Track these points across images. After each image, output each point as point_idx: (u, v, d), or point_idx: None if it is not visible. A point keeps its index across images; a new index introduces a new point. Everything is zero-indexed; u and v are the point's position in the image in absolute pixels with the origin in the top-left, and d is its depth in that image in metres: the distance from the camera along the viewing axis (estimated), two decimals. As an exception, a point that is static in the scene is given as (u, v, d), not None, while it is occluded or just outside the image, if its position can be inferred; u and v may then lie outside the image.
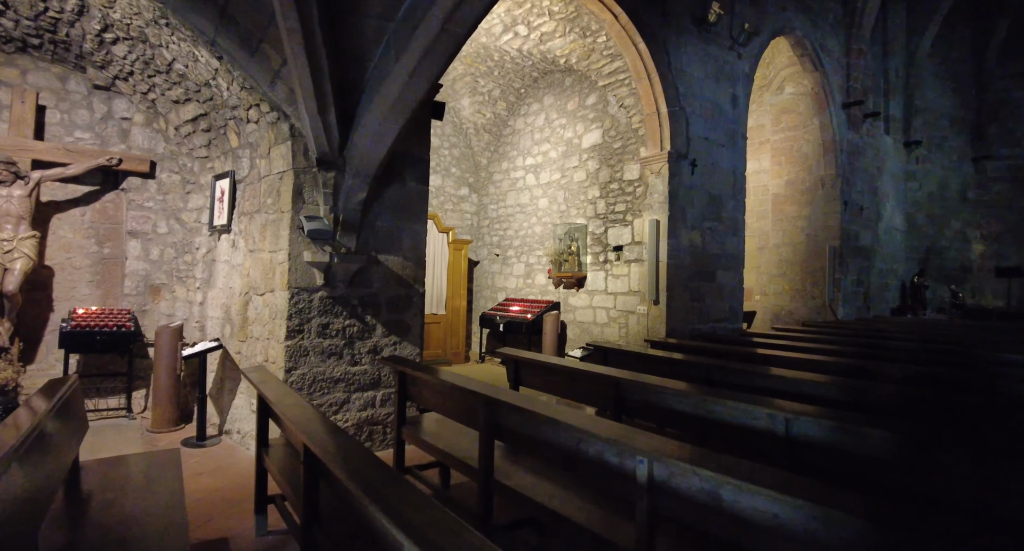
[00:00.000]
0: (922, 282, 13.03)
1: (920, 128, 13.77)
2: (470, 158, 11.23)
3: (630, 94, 7.74)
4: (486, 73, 9.66)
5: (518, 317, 8.92)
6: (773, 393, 3.69)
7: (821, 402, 3.51)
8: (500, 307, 9.79)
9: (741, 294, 8.43)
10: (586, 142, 8.77)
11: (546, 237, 9.28)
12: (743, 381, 4.08)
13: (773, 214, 11.79)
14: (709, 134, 7.93)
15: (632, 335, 7.76)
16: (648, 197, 7.60)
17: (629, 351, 4.79)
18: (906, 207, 13.57)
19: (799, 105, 11.39)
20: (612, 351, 5.09)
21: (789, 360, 4.69)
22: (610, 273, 8.16)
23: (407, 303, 5.26)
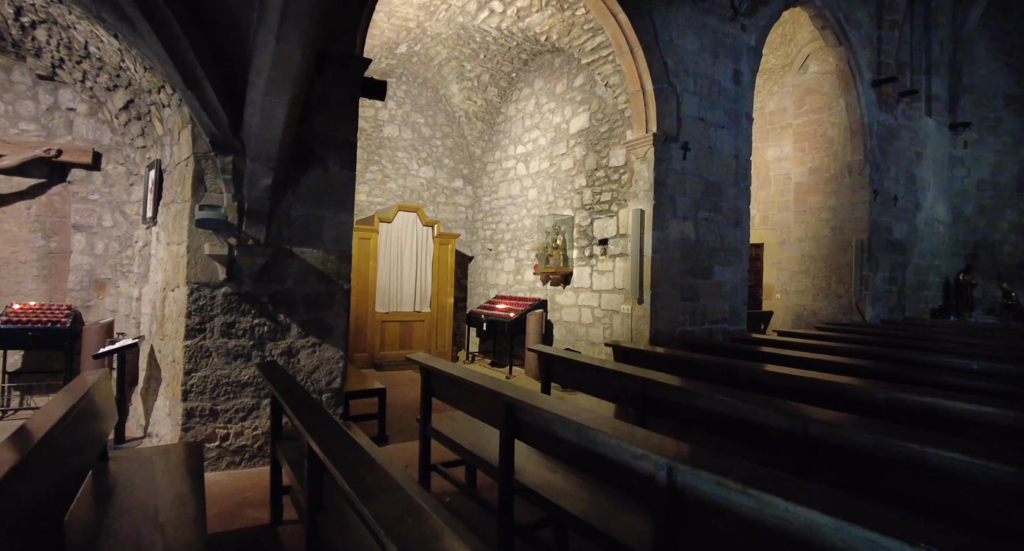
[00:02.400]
0: (969, 280, 11.71)
1: (969, 108, 12.40)
2: (464, 148, 10.69)
3: (615, 71, 7.02)
4: (471, 56, 9.09)
5: (501, 316, 8.33)
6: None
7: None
8: (487, 305, 9.22)
9: (744, 292, 7.59)
10: (574, 127, 8.09)
11: (535, 230, 8.65)
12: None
13: (795, 205, 10.78)
14: (705, 114, 7.13)
15: (617, 336, 7.05)
16: (633, 185, 6.88)
17: (577, 361, 4.13)
18: (951, 197, 12.24)
19: (823, 85, 10.36)
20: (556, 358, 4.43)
21: (783, 378, 3.78)
22: (595, 269, 7.46)
23: (328, 301, 4.75)
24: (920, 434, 2.21)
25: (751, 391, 3.89)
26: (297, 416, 2.55)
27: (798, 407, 2.64)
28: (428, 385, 3.84)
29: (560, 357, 4.21)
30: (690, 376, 4.37)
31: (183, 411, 4.26)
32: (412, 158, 10.27)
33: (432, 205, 10.42)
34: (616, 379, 3.59)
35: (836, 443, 2.37)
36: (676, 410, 3.20)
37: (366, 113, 9.93)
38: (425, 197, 10.37)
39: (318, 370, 4.72)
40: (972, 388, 3.57)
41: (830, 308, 10.11)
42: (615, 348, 5.23)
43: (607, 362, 3.85)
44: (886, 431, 2.26)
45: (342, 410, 4.82)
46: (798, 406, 2.68)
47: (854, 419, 2.45)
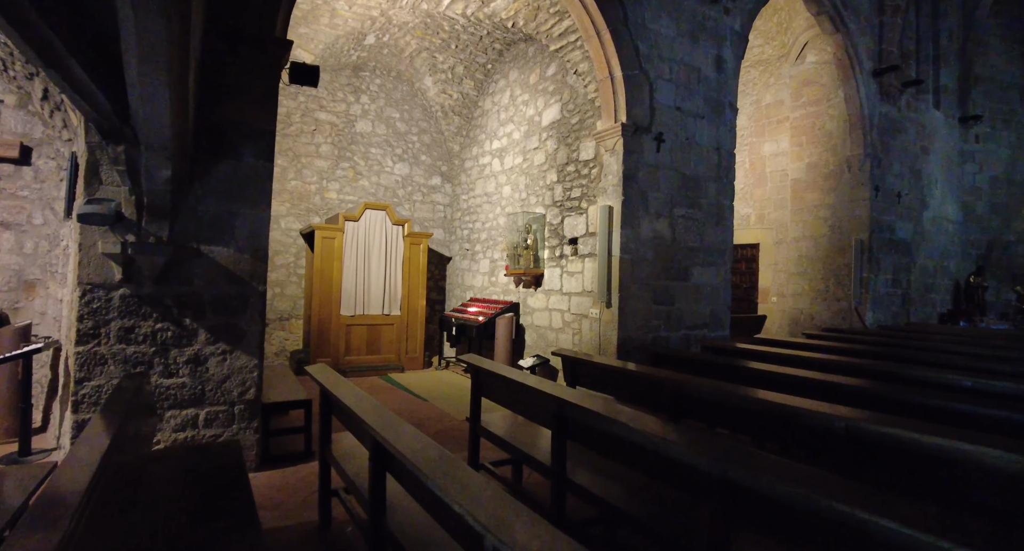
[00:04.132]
0: (980, 282, 11.01)
1: (981, 101, 11.70)
2: (442, 144, 10.25)
3: (583, 58, 6.53)
4: (442, 47, 8.64)
5: (470, 320, 7.86)
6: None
7: None
8: (460, 308, 8.76)
9: (727, 296, 7.04)
10: (546, 119, 7.60)
11: (509, 230, 8.17)
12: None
13: (792, 203, 10.19)
14: (683, 103, 6.61)
15: (586, 343, 6.55)
16: (602, 179, 6.38)
17: (501, 375, 3.64)
18: (961, 194, 11.54)
19: (822, 75, 9.77)
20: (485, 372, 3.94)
21: (733, 399, 3.31)
22: (565, 270, 6.97)
23: (241, 304, 4.31)
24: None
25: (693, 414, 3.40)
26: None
27: (717, 446, 2.14)
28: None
29: (488, 370, 3.73)
30: (637, 394, 3.87)
31: (73, 424, 3.85)
32: (387, 154, 9.85)
33: (408, 203, 9.99)
34: (537, 398, 3.11)
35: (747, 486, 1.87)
36: (594, 438, 2.71)
37: (337, 108, 9.54)
38: (400, 195, 9.94)
39: (229, 380, 4.29)
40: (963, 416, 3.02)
41: (828, 312, 9.50)
42: (563, 359, 4.73)
43: (529, 378, 3.37)
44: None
45: (257, 424, 4.37)
46: (717, 445, 2.18)
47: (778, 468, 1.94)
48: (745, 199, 11.02)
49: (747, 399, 3.03)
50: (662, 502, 2.59)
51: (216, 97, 4.25)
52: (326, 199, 9.39)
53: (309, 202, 9.30)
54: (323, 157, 9.43)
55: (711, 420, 3.33)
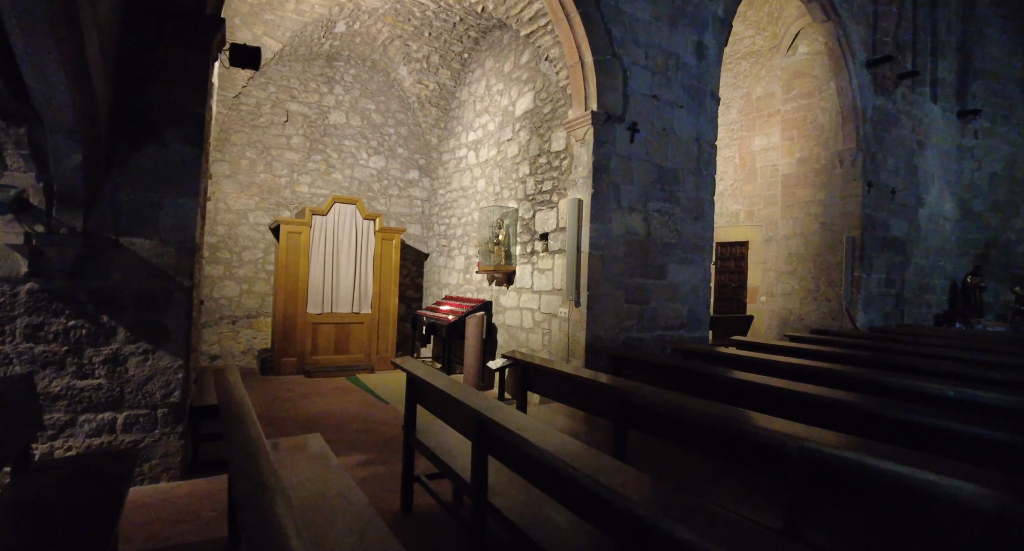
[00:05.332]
0: (978, 283, 10.63)
1: (980, 94, 11.31)
2: (419, 137, 9.92)
3: (554, 43, 6.19)
4: (415, 34, 8.30)
5: (440, 319, 7.54)
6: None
7: None
8: (432, 307, 8.44)
9: (706, 294, 6.69)
10: (519, 108, 7.26)
11: (483, 225, 7.84)
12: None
13: (783, 199, 9.83)
14: (660, 91, 6.26)
15: (555, 343, 6.21)
16: (572, 171, 6.03)
17: (431, 383, 3.30)
18: (959, 191, 11.16)
19: (814, 67, 9.40)
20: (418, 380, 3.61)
21: (686, 412, 2.97)
22: (536, 267, 6.63)
23: (165, 300, 3.98)
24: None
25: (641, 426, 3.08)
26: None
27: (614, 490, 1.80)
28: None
29: (420, 378, 3.40)
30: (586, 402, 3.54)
31: (-28, 432, 3.53)
32: (361, 147, 9.52)
33: (384, 198, 9.66)
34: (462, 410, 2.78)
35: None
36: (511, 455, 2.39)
37: (310, 99, 9.21)
38: (376, 189, 9.61)
39: (152, 381, 3.96)
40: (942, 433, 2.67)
41: (819, 313, 9.15)
42: (514, 363, 4.40)
43: (454, 387, 3.04)
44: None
45: (183, 428, 4.05)
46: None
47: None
48: (735, 195, 10.67)
49: (695, 412, 2.69)
50: (586, 534, 2.26)
51: (140, 78, 3.92)
52: (297, 193, 9.07)
53: (279, 196, 8.98)
54: (294, 149, 9.10)
55: (660, 433, 2.99)
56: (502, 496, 2.60)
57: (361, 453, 4.89)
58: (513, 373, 6.62)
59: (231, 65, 4.78)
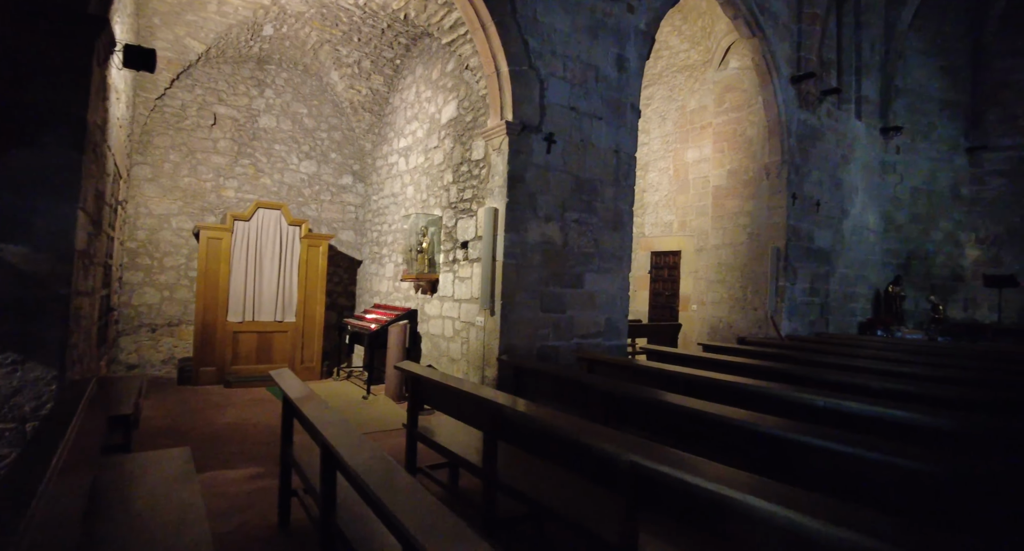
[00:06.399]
0: (898, 292, 11.07)
1: (902, 112, 11.84)
2: (353, 142, 9.79)
3: (474, 52, 6.19)
4: (344, 40, 8.21)
5: (363, 328, 7.42)
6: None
7: None
8: (359, 315, 8.31)
9: (625, 303, 6.76)
10: (444, 116, 7.25)
11: (411, 232, 7.77)
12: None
13: (713, 210, 10.05)
14: (578, 103, 6.32)
15: (472, 352, 6.18)
16: (490, 180, 6.03)
17: (289, 398, 3.24)
18: (883, 204, 11.62)
19: (743, 81, 9.67)
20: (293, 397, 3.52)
21: (535, 423, 2.96)
22: (457, 275, 6.60)
23: (37, 309, 3.78)
24: None
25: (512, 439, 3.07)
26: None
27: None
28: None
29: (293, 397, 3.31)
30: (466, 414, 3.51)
31: None
32: (292, 151, 9.35)
33: (315, 203, 9.50)
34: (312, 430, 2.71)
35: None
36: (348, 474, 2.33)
37: (239, 102, 9.00)
38: (307, 194, 9.44)
39: (20, 394, 3.75)
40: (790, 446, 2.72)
41: (746, 321, 9.36)
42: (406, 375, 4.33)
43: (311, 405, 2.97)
44: None
45: (53, 448, 3.85)
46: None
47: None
48: (669, 206, 10.86)
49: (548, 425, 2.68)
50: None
51: (19, 78, 3.74)
52: (223, 197, 8.83)
53: (204, 200, 8.72)
54: (221, 153, 8.87)
55: (527, 446, 2.98)
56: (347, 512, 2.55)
57: (257, 466, 4.75)
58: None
59: (124, 67, 4.60)
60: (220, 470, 4.71)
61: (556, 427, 2.54)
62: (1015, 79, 11.93)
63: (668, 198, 10.85)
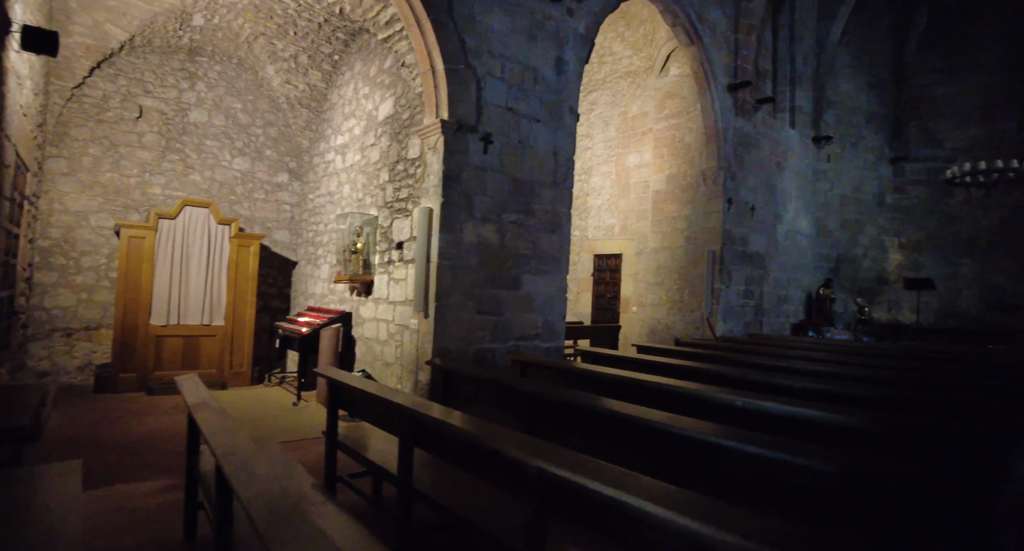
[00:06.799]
0: (828, 294, 11.55)
1: (833, 123, 12.37)
2: (290, 139, 9.49)
3: (410, 49, 6.07)
4: (280, 33, 7.94)
5: (294, 332, 7.17)
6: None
7: None
8: (292, 318, 8.04)
9: (562, 305, 6.76)
10: (382, 113, 7.09)
11: (341, 232, 7.56)
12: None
13: (653, 214, 10.22)
14: (516, 104, 6.28)
15: (406, 356, 6.05)
16: (425, 180, 5.92)
17: (188, 403, 3.07)
18: (814, 210, 12.10)
19: (683, 88, 9.88)
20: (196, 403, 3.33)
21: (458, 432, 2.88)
22: (392, 276, 6.45)
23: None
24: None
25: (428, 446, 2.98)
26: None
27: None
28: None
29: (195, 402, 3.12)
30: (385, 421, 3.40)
31: None
32: (225, 147, 8.97)
33: (248, 202, 9.14)
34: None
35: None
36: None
37: (167, 94, 8.58)
38: (239, 192, 9.08)
39: None
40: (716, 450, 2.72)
41: (683, 322, 9.55)
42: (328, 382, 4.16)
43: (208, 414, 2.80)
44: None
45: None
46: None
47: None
48: (611, 209, 10.99)
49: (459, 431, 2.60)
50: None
51: None
52: (149, 195, 8.39)
53: (128, 197, 8.26)
54: (147, 148, 8.42)
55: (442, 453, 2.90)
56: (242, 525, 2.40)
57: (170, 478, 4.50)
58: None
59: (23, 49, 4.28)
60: (130, 483, 4.44)
61: (467, 433, 2.47)
62: (933, 95, 12.65)
63: (610, 202, 10.97)
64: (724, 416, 3.54)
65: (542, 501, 2.16)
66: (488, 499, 2.82)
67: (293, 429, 5.82)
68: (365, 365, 6.80)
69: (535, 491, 2.17)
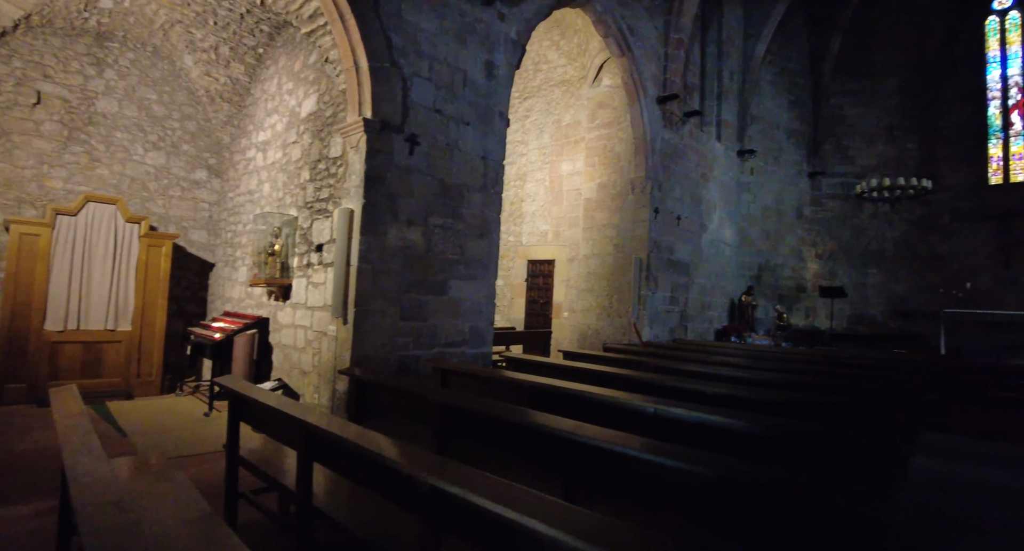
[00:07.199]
0: (750, 301, 12.03)
1: (756, 137, 12.94)
2: (210, 134, 9.01)
3: (333, 45, 5.86)
4: (199, 22, 7.53)
5: (206, 338, 6.78)
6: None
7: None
8: (206, 324, 7.61)
9: (491, 311, 6.70)
10: (305, 110, 6.83)
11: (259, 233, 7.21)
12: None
13: (584, 221, 10.34)
14: (445, 106, 6.18)
15: (324, 364, 5.81)
16: (346, 180, 5.73)
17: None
18: (738, 220, 12.60)
19: (614, 99, 10.05)
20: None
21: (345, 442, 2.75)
22: (311, 280, 6.20)
23: None
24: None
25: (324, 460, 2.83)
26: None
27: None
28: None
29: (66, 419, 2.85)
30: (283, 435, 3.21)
31: None
32: (137, 140, 8.41)
33: (162, 199, 8.60)
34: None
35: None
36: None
37: (71, 80, 7.96)
38: (152, 189, 8.53)
39: None
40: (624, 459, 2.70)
41: (611, 328, 9.69)
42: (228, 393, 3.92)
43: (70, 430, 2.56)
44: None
45: None
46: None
47: None
48: (545, 216, 11.05)
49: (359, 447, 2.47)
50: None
51: None
52: (47, 188, 7.74)
53: (22, 190, 7.60)
54: (46, 137, 7.78)
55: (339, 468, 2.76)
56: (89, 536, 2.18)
57: (53, 499, 4.10)
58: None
59: None
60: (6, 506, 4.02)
61: (360, 447, 2.35)
62: (846, 115, 13.46)
63: (544, 208, 11.03)
64: (635, 423, 3.56)
65: (435, 519, 2.07)
66: (388, 517, 2.70)
67: (200, 441, 5.47)
68: (282, 374, 6.50)
69: (426, 509, 2.07)
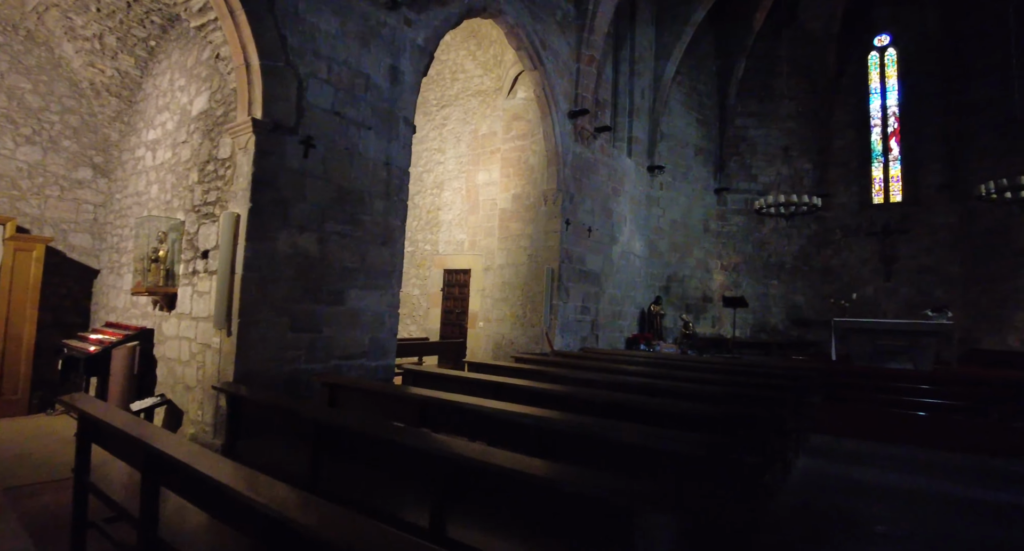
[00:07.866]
0: (658, 311, 12.45)
1: (666, 154, 13.46)
2: (96, 130, 8.35)
3: (225, 41, 5.56)
4: (80, 8, 6.97)
5: (81, 350, 6.22)
6: None
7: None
8: (83, 335, 7.00)
9: (394, 322, 6.54)
10: (196, 108, 6.45)
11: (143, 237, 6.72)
12: None
13: (500, 231, 10.36)
14: (344, 110, 6.00)
15: (207, 378, 5.44)
16: (234, 182, 5.43)
17: None
18: (648, 233, 13.04)
19: (529, 112, 10.17)
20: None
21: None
22: (196, 289, 5.82)
23: None
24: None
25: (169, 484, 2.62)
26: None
27: None
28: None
29: None
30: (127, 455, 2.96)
31: None
32: (7, 133, 7.66)
33: (37, 199, 7.87)
34: None
35: None
36: None
37: (-75, 64, 7.16)
38: (25, 187, 7.78)
39: None
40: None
41: (525, 337, 9.72)
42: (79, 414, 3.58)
43: None
44: None
45: None
46: None
47: None
48: (461, 225, 10.99)
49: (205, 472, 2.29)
50: None
51: None
52: None
53: None
54: None
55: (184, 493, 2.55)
56: None
57: None
58: (167, 414, 5.71)
59: None
60: None
61: (198, 473, 2.17)
62: (748, 135, 14.28)
63: (461, 217, 10.97)
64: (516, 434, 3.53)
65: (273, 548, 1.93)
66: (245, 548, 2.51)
67: (63, 465, 4.97)
68: (166, 389, 6.05)
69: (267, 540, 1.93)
